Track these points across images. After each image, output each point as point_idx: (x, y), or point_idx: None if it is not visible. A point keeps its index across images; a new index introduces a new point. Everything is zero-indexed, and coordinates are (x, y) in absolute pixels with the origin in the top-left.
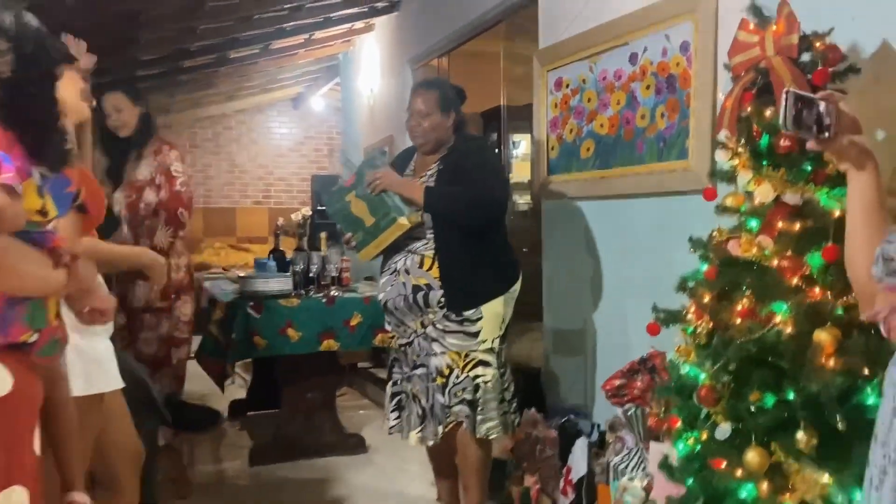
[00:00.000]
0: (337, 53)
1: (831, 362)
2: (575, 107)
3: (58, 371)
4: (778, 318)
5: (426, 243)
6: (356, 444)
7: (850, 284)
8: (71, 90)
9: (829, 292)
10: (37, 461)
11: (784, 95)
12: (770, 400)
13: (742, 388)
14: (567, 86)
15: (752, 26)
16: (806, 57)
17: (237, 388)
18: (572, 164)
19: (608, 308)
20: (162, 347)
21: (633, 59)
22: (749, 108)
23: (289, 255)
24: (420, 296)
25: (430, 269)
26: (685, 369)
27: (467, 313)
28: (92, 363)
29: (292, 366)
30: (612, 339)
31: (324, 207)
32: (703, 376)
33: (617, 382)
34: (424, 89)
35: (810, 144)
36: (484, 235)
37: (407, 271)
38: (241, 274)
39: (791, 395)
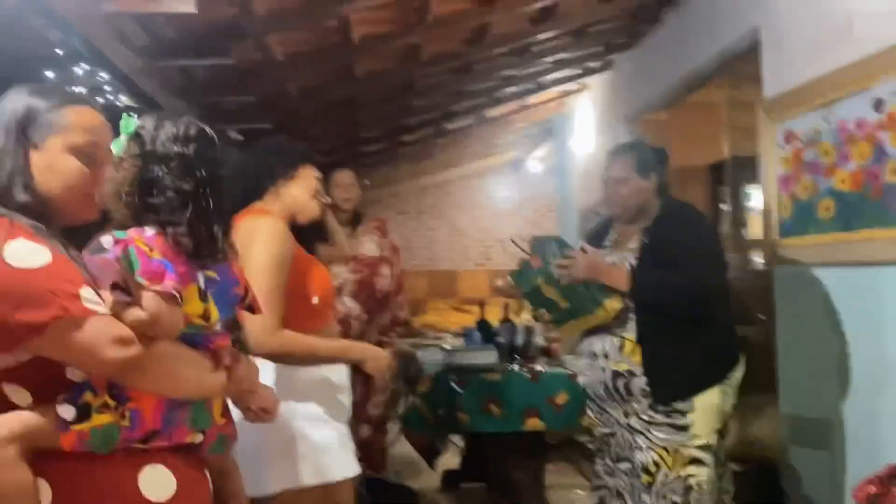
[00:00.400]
0: (551, 116)
1: None
2: (809, 162)
3: (227, 463)
4: None
5: (628, 324)
6: None
7: None
8: (304, 188)
9: None
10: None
11: None
12: None
13: None
14: (798, 139)
15: None
16: None
17: (452, 456)
18: (808, 225)
19: (859, 396)
20: (368, 428)
21: (878, 105)
22: None
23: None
24: (621, 383)
25: (631, 353)
26: None
27: (676, 404)
28: (321, 452)
29: (496, 443)
30: (863, 433)
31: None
32: None
33: (872, 489)
34: (619, 153)
35: None
36: (697, 318)
37: (606, 355)
38: (447, 346)
39: None
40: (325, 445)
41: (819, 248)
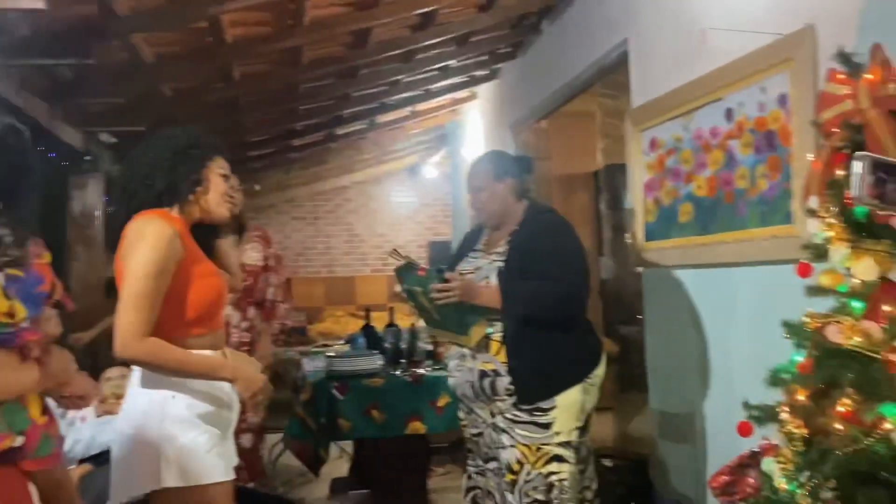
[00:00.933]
0: (445, 123)
1: None
2: (671, 168)
3: (57, 478)
4: (888, 424)
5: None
6: None
7: None
8: (213, 190)
9: None
10: None
11: (856, 162)
12: None
13: None
14: (662, 146)
15: (841, 76)
16: None
17: (343, 463)
18: (671, 229)
19: (716, 390)
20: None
21: (728, 114)
22: (840, 172)
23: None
24: (487, 382)
25: (497, 353)
26: (780, 481)
27: (539, 403)
28: (187, 455)
29: (379, 448)
30: (722, 424)
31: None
32: (799, 492)
33: (725, 479)
34: (477, 163)
35: None
36: (560, 322)
37: (473, 356)
38: (332, 353)
39: None
40: (192, 448)
41: (680, 250)
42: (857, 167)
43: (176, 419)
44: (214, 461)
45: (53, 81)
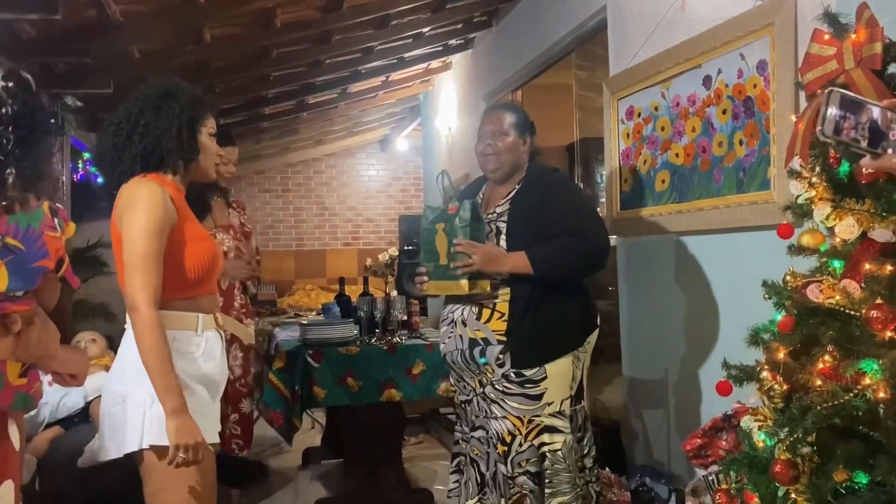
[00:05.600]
0: (418, 94)
1: None
2: (648, 136)
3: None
4: (867, 380)
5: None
6: (423, 501)
7: None
8: (205, 153)
9: None
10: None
11: (826, 95)
12: (862, 479)
13: (826, 463)
14: (639, 114)
15: (827, 37)
16: (894, 69)
17: (315, 433)
18: (647, 197)
19: (690, 356)
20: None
21: (706, 81)
22: None
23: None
24: (477, 351)
25: (488, 321)
26: (760, 437)
27: (528, 373)
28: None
29: (354, 416)
30: (695, 390)
31: (410, 247)
32: (777, 448)
33: (698, 442)
34: (499, 109)
35: (864, 161)
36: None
37: (464, 322)
38: (305, 321)
39: (888, 474)
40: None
41: (656, 218)
42: (827, 101)
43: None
44: (199, 421)
45: (16, 38)
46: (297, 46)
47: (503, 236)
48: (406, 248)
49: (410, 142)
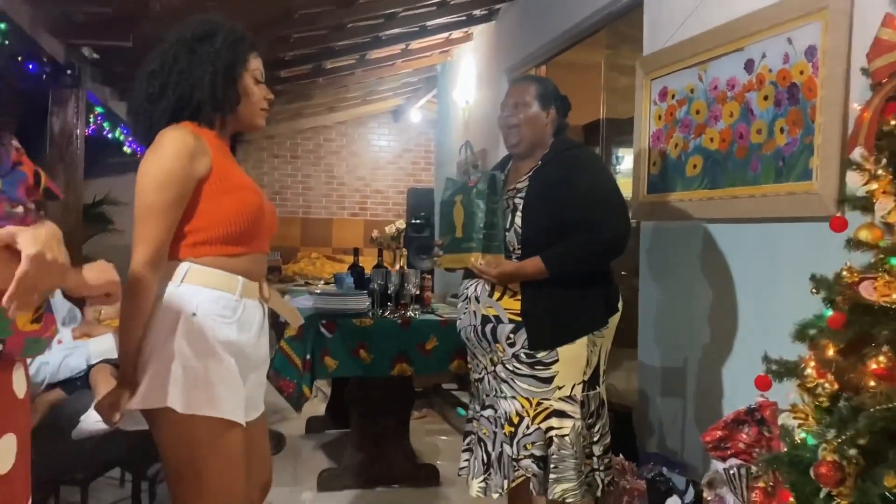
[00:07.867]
0: (435, 65)
1: None
2: (681, 119)
3: None
4: None
5: None
6: (428, 476)
7: None
8: (249, 99)
9: None
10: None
11: None
12: None
13: (875, 467)
14: (673, 96)
15: None
16: None
17: (319, 403)
18: (676, 182)
19: (712, 347)
20: None
21: (748, 66)
22: (893, 122)
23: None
24: (488, 328)
25: (500, 298)
26: (801, 435)
27: (540, 355)
28: (194, 380)
29: (363, 388)
30: (716, 382)
31: (418, 221)
32: (823, 448)
33: (719, 434)
34: (523, 80)
35: None
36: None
37: (477, 299)
38: (318, 290)
39: None
40: (200, 375)
41: (685, 203)
42: None
43: (193, 339)
44: (224, 395)
45: None
46: (320, 8)
47: (519, 213)
48: (413, 221)
49: (424, 114)
